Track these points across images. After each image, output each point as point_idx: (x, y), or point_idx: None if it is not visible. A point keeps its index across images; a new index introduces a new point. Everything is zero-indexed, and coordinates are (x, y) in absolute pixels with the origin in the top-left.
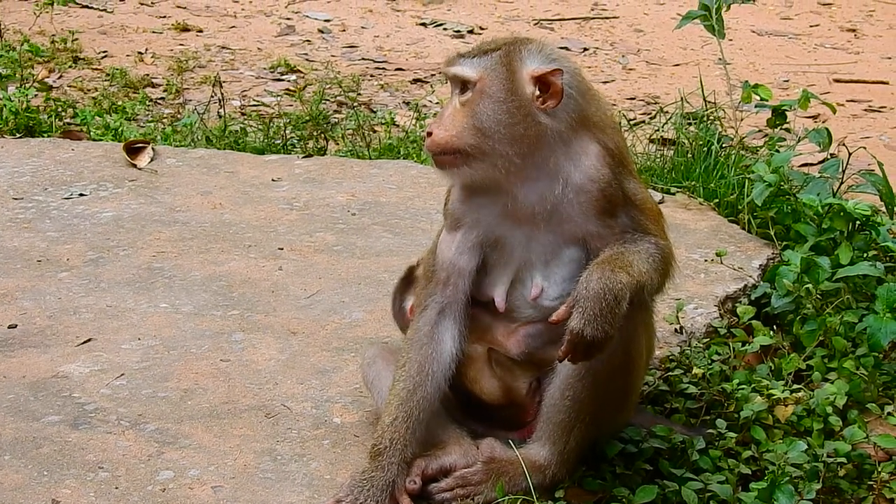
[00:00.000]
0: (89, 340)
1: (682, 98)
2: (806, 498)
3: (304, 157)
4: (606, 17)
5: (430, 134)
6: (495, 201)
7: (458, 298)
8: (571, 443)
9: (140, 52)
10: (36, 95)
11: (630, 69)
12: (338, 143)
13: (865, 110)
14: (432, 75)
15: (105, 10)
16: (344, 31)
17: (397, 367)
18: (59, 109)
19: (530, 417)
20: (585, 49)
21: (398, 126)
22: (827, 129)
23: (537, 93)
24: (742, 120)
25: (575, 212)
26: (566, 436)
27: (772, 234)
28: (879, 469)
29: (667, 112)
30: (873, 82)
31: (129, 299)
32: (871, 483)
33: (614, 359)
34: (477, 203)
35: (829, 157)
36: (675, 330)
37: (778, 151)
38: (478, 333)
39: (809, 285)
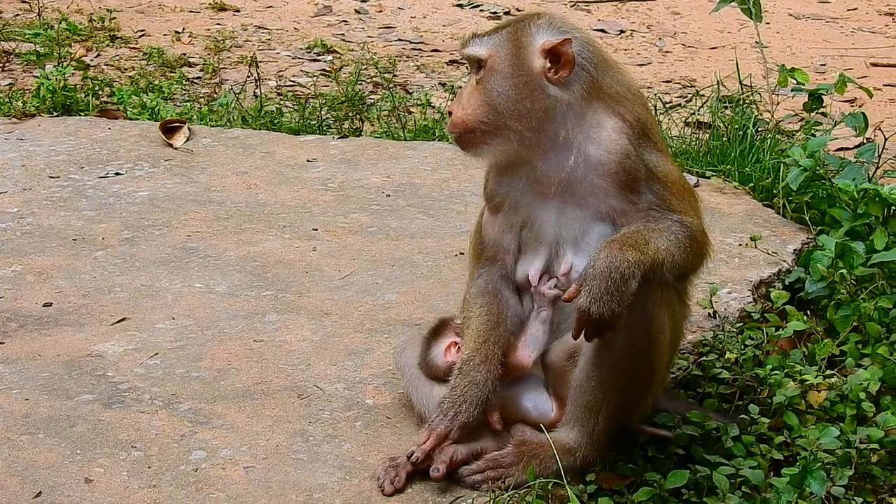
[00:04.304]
0: (124, 319)
1: (718, 81)
2: (838, 484)
3: (339, 138)
4: (643, 0)
5: (450, 114)
6: (522, 177)
7: (508, 273)
8: (600, 424)
9: (177, 32)
10: (73, 74)
11: (666, 52)
12: (373, 125)
13: None
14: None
15: None
16: (380, 11)
17: (469, 316)
18: (96, 88)
19: None
20: (622, 31)
21: (434, 107)
22: (863, 113)
23: (548, 65)
24: (778, 104)
25: (596, 186)
26: (594, 417)
27: (807, 218)
28: None
29: (703, 95)
30: None
31: (164, 279)
32: None
33: (635, 338)
34: (508, 181)
35: (865, 141)
36: (709, 314)
37: (814, 136)
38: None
39: (844, 270)
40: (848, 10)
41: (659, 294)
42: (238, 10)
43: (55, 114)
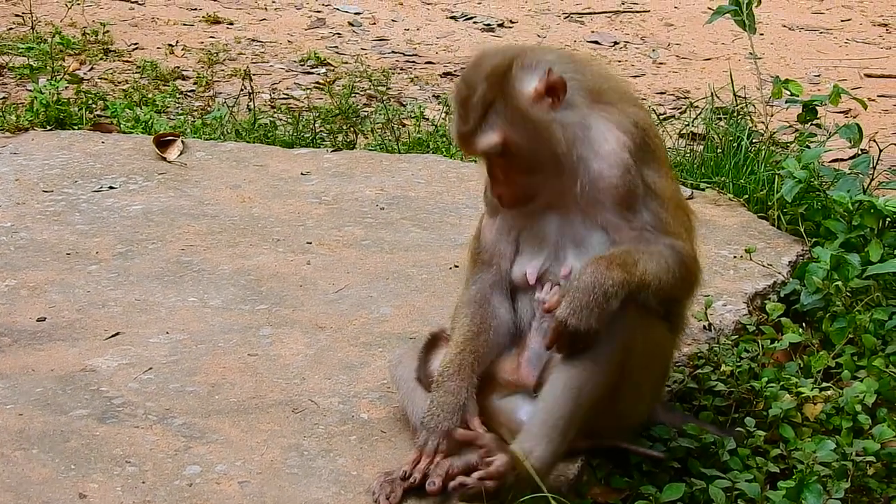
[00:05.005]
0: (118, 334)
1: (712, 93)
2: (834, 497)
3: (333, 151)
4: (637, 11)
5: (500, 197)
6: None
7: (502, 278)
8: (563, 445)
9: (171, 45)
10: (66, 88)
11: (660, 63)
12: (367, 137)
13: None
14: (462, 68)
15: (136, 2)
16: (374, 24)
17: (454, 326)
18: (90, 102)
19: None
20: (616, 43)
21: (428, 120)
22: (858, 124)
23: (549, 101)
24: (772, 115)
25: (596, 198)
26: (560, 436)
27: (801, 230)
28: None
29: (697, 107)
30: None
31: (158, 293)
32: None
33: (609, 356)
34: None
35: (859, 153)
36: (704, 327)
37: (808, 147)
38: (491, 387)
39: (839, 282)
40: (842, 20)
41: (638, 316)
42: (231, 23)
43: (49, 128)
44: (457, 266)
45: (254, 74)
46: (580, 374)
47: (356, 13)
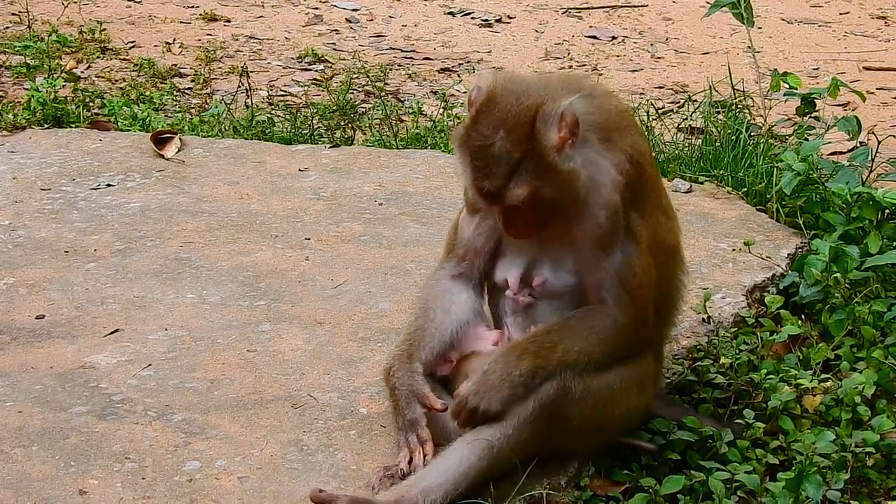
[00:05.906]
0: (116, 331)
1: (710, 86)
2: (834, 488)
3: (331, 147)
4: (635, 6)
5: (518, 234)
6: None
7: (473, 274)
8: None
9: (168, 42)
10: (64, 86)
11: (659, 58)
12: (365, 133)
13: (895, 98)
14: (460, 64)
15: None
16: (371, 20)
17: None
18: (87, 100)
19: None
20: (614, 38)
21: (426, 115)
22: (856, 117)
23: (570, 142)
24: (771, 108)
25: (580, 233)
26: (467, 484)
27: (800, 223)
28: None
29: (695, 101)
30: None
31: (157, 290)
32: None
33: (514, 431)
34: None
35: (858, 145)
36: (703, 319)
37: (807, 140)
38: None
39: (838, 274)
40: (840, 13)
41: (564, 387)
42: (229, 21)
43: (46, 126)
44: None
45: (251, 71)
46: (488, 438)
47: (353, 9)
